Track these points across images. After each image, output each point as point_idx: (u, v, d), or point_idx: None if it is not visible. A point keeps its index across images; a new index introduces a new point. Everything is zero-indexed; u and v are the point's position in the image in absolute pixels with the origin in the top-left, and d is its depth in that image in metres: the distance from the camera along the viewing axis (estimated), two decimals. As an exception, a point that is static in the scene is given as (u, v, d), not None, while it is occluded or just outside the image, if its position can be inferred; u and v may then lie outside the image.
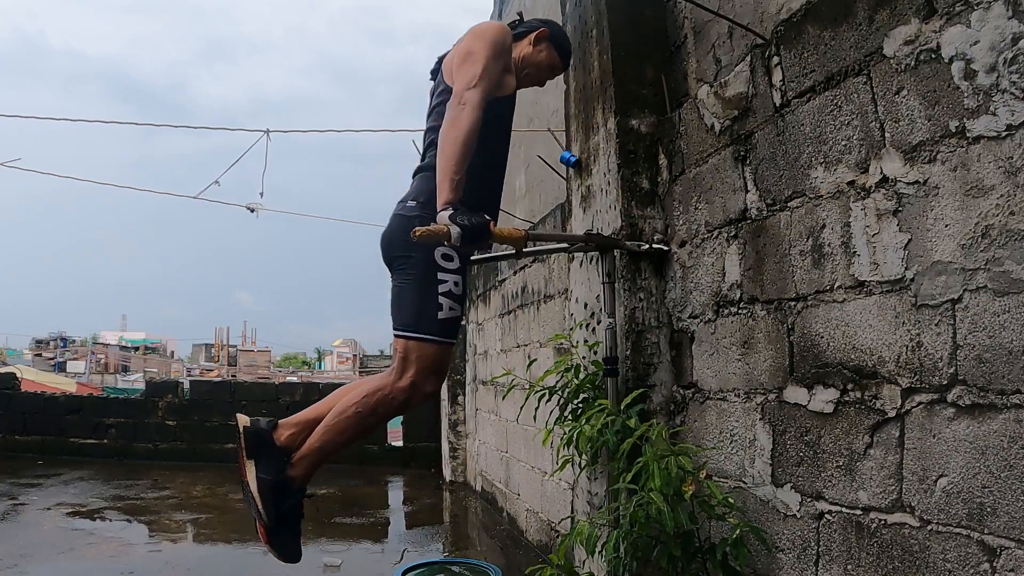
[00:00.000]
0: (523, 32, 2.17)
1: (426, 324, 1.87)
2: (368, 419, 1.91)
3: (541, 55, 2.17)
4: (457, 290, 1.90)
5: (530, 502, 4.75)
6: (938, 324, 1.42)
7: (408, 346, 1.87)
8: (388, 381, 1.89)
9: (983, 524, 1.31)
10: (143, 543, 4.51)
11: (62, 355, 42.62)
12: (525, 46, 2.15)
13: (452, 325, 1.91)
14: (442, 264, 1.88)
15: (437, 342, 1.88)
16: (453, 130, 1.79)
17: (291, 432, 1.96)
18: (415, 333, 1.87)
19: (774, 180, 1.93)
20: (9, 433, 8.41)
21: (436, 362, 1.90)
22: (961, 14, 1.36)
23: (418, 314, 1.87)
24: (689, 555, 1.94)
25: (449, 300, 1.88)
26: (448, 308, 1.88)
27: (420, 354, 1.86)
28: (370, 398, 1.89)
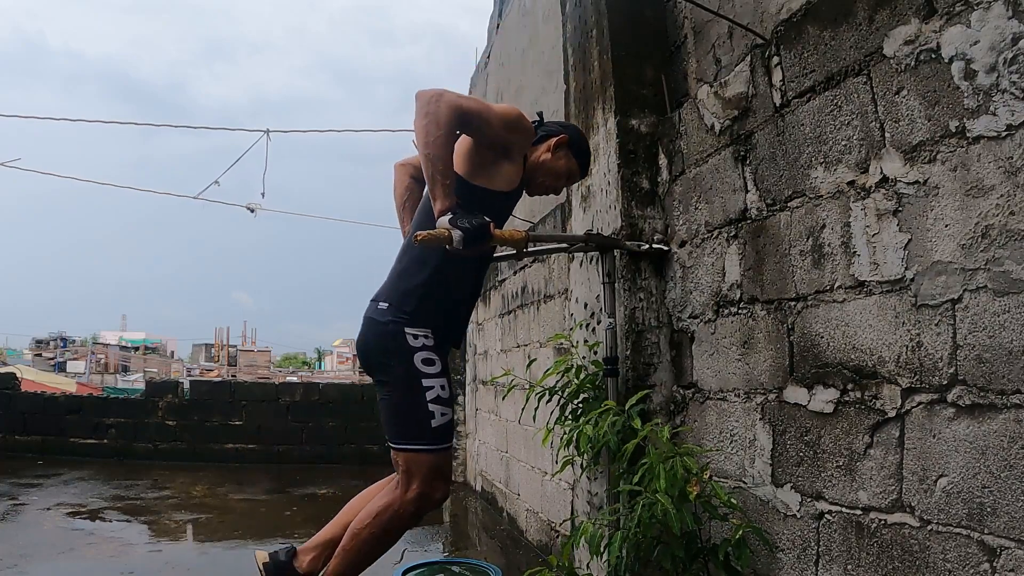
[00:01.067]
0: (542, 137, 2.07)
1: (421, 436, 1.85)
2: (383, 538, 1.90)
3: (559, 162, 2.07)
4: (445, 393, 1.88)
5: (530, 502, 4.75)
6: (938, 324, 1.42)
7: (408, 459, 1.86)
8: (396, 497, 1.88)
9: (983, 524, 1.31)
10: (143, 543, 4.51)
11: (62, 355, 42.62)
12: (543, 152, 2.04)
13: (447, 430, 1.90)
14: (424, 370, 1.85)
15: (435, 450, 1.87)
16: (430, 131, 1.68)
17: (312, 556, 1.96)
18: (412, 445, 1.86)
19: (774, 180, 1.93)
20: (9, 433, 8.40)
21: (439, 468, 1.89)
22: (961, 14, 1.36)
23: (412, 427, 1.86)
24: (691, 555, 1.94)
25: (439, 406, 1.86)
26: (440, 415, 1.86)
27: (421, 465, 1.85)
28: (382, 517, 1.87)
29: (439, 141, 1.69)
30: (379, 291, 1.96)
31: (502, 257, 2.36)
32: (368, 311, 1.94)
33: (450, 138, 1.72)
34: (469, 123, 1.77)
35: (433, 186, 1.71)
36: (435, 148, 1.68)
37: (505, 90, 6.37)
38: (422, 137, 1.69)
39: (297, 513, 5.59)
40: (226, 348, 46.85)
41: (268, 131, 6.56)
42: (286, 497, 6.32)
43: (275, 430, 8.24)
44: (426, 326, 1.87)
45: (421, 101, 1.70)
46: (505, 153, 1.92)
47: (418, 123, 1.70)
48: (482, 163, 1.89)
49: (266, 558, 1.95)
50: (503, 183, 1.94)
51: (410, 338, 1.85)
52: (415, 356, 1.84)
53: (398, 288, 1.91)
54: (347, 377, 32.15)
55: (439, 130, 1.68)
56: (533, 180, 2.05)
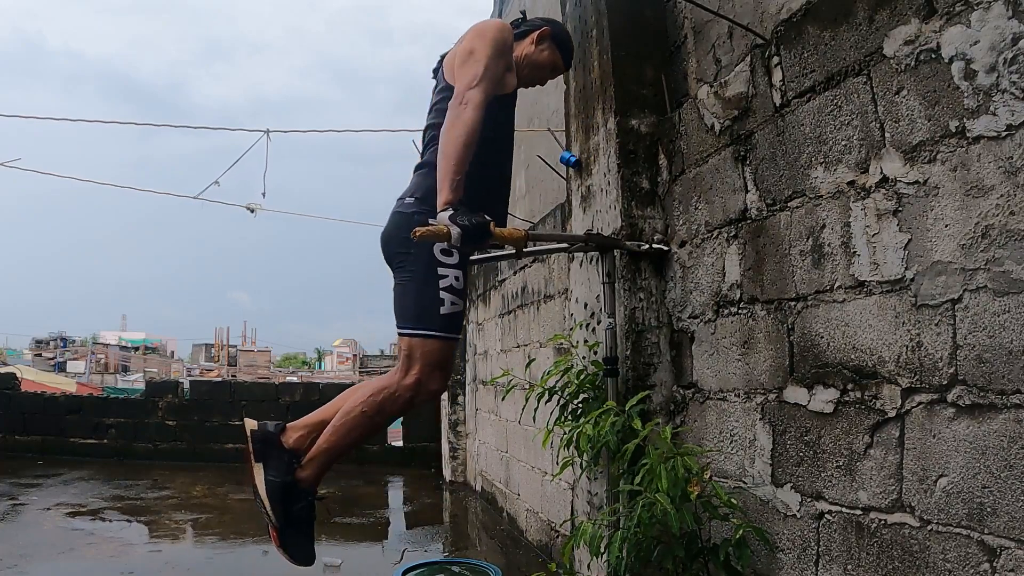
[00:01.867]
0: (525, 31, 2.17)
1: (429, 320, 1.87)
2: (375, 418, 1.91)
3: (543, 54, 2.17)
4: (458, 284, 1.90)
5: (530, 502, 4.75)
6: (938, 324, 1.42)
7: (412, 343, 1.87)
8: (394, 380, 1.89)
9: (983, 524, 1.31)
10: (143, 543, 4.51)
11: (62, 355, 42.62)
12: (527, 45, 2.15)
13: (455, 320, 1.91)
14: (442, 259, 1.88)
15: (441, 338, 1.88)
16: (454, 130, 1.80)
17: (299, 435, 1.96)
18: (419, 329, 1.87)
19: (774, 180, 1.93)
20: (9, 433, 8.40)
21: (441, 358, 1.90)
22: (961, 14, 1.36)
23: (421, 310, 1.88)
24: (692, 556, 1.94)
25: (451, 295, 1.88)
26: (450, 303, 1.88)
27: (424, 350, 1.87)
28: (376, 397, 1.89)
29: (460, 141, 1.78)
30: (406, 189, 2.02)
31: (502, 257, 2.36)
32: (395, 206, 2.00)
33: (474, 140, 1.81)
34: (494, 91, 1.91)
35: (444, 179, 1.77)
36: (457, 147, 1.78)
37: (505, 90, 6.37)
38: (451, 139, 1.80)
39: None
40: (226, 348, 46.86)
41: (268, 131, 6.55)
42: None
43: (275, 430, 8.23)
44: None
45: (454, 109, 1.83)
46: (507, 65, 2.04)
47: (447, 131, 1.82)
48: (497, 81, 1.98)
49: (255, 426, 1.97)
50: (510, 86, 2.06)
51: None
52: (435, 245, 1.87)
53: (425, 183, 1.94)
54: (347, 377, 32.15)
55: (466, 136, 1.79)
56: (520, 73, 2.14)
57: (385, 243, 1.99)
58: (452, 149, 1.78)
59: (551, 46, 2.18)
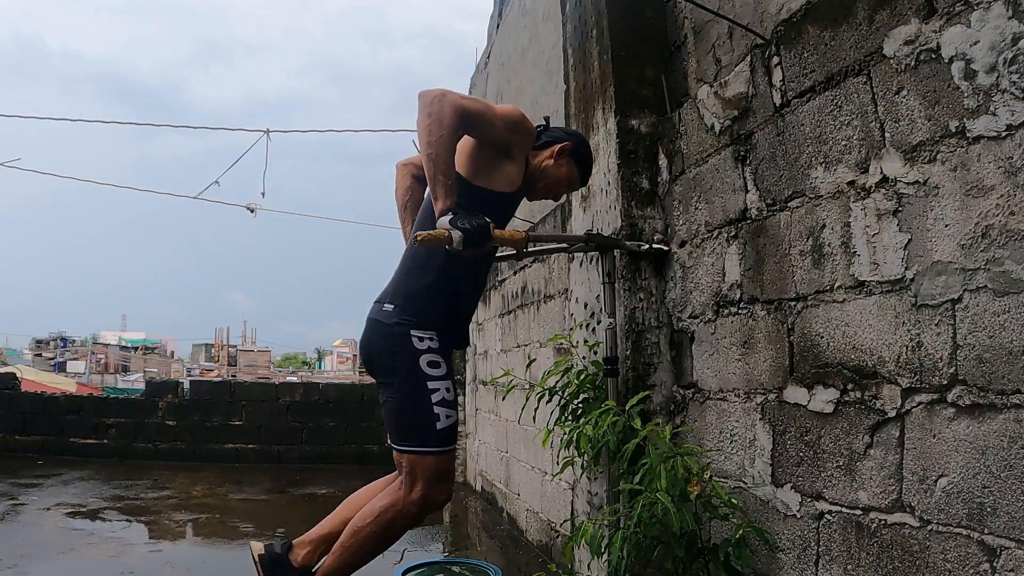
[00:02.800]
0: (546, 143, 2.07)
1: (426, 438, 1.85)
2: (384, 536, 1.89)
3: (561, 170, 2.07)
4: (450, 396, 1.88)
5: (530, 502, 4.75)
6: (938, 324, 1.42)
7: (412, 460, 1.85)
8: (398, 497, 1.86)
9: (983, 524, 1.31)
10: (143, 543, 4.51)
11: (62, 355, 42.63)
12: (546, 158, 2.05)
13: (451, 432, 1.89)
14: (429, 372, 1.85)
15: (439, 453, 1.87)
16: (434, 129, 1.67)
17: (307, 551, 1.95)
18: (416, 448, 1.85)
19: (774, 180, 1.93)
20: (9, 433, 8.40)
21: (442, 471, 1.88)
22: (961, 14, 1.36)
23: (416, 429, 1.85)
24: (692, 555, 1.94)
25: (444, 408, 1.86)
26: (445, 416, 1.86)
27: (424, 467, 1.85)
28: (384, 516, 1.86)
29: (441, 141, 1.68)
30: (384, 292, 1.95)
31: (502, 257, 2.36)
32: (372, 312, 1.93)
33: (452, 138, 1.71)
34: (471, 123, 1.76)
35: (435, 186, 1.69)
36: (437, 148, 1.67)
37: (505, 90, 6.37)
38: (424, 137, 1.68)
39: (297, 513, 5.59)
40: (226, 348, 46.86)
41: (268, 131, 6.56)
42: (286, 497, 6.32)
43: (275, 430, 8.23)
44: (432, 328, 1.87)
45: (424, 101, 1.70)
46: (506, 154, 1.91)
47: (420, 123, 1.69)
48: (484, 164, 1.88)
49: (261, 550, 1.95)
50: (504, 184, 1.93)
51: (416, 340, 1.85)
52: (421, 358, 1.84)
53: (404, 289, 1.90)
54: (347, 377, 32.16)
55: (442, 130, 1.67)
56: (534, 185, 2.05)
57: (366, 353, 1.95)
58: (435, 151, 1.67)
59: (570, 163, 2.08)
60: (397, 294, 1.90)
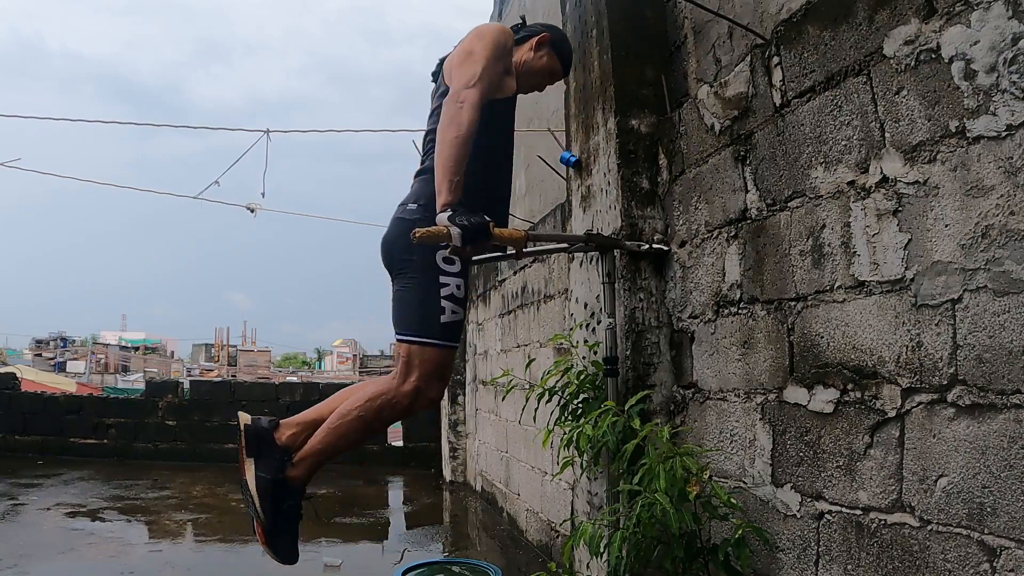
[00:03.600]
0: (524, 37, 2.16)
1: (429, 328, 1.85)
2: (371, 423, 1.89)
3: (542, 60, 2.16)
4: (459, 293, 1.89)
5: (530, 502, 4.75)
6: (938, 324, 1.42)
7: (411, 351, 1.86)
8: (392, 385, 1.87)
9: (983, 524, 1.31)
10: (143, 543, 4.51)
11: (62, 355, 42.63)
12: (526, 51, 2.14)
13: (455, 328, 1.90)
14: (444, 267, 1.87)
15: (440, 346, 1.87)
16: (450, 130, 1.78)
17: (292, 432, 1.95)
18: (418, 337, 1.86)
19: (774, 180, 1.93)
20: (9, 433, 8.40)
21: (440, 366, 1.88)
22: (961, 14, 1.36)
23: (420, 318, 1.86)
24: (691, 556, 1.94)
25: (451, 303, 1.87)
26: (451, 311, 1.87)
27: (423, 358, 1.85)
28: (373, 402, 1.87)
29: (459, 142, 1.77)
30: (408, 195, 2.00)
31: (502, 257, 2.36)
32: (396, 212, 1.97)
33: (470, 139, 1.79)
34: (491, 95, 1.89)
35: (442, 180, 1.75)
36: (454, 148, 1.76)
37: (505, 90, 6.37)
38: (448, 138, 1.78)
39: (297, 513, 5.58)
40: (226, 348, 46.86)
41: (268, 131, 6.55)
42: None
43: (275, 430, 8.23)
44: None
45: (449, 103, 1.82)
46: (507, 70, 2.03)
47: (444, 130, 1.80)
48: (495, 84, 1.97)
49: (248, 420, 1.95)
50: (508, 89, 2.05)
51: None
52: (438, 252, 1.85)
53: (426, 190, 1.92)
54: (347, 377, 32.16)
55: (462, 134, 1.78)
56: (518, 79, 2.12)
57: (386, 249, 1.97)
58: (449, 150, 1.76)
59: (549, 52, 2.17)
60: (420, 195, 1.94)
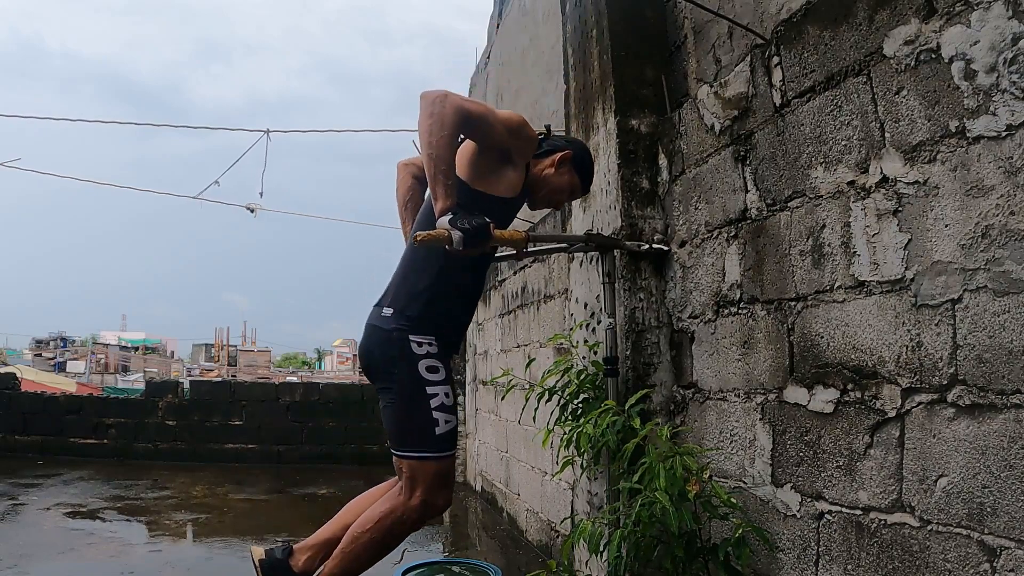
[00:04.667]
0: (546, 152, 2.06)
1: (425, 443, 1.85)
2: (385, 541, 1.89)
3: (563, 178, 2.07)
4: (449, 401, 1.88)
5: (530, 502, 4.75)
6: (938, 324, 1.42)
7: (412, 466, 1.86)
8: (399, 502, 1.87)
9: (983, 524, 1.31)
10: (143, 543, 4.51)
11: (62, 355, 42.63)
12: (547, 166, 2.05)
13: (451, 437, 1.89)
14: (428, 378, 1.85)
15: (439, 458, 1.86)
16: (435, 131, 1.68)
17: (308, 556, 1.95)
18: (416, 453, 1.85)
19: (774, 180, 1.93)
20: (9, 433, 8.40)
21: (442, 476, 1.88)
22: (961, 14, 1.36)
23: (415, 435, 1.85)
24: (691, 555, 1.94)
25: (443, 413, 1.86)
26: (444, 422, 1.86)
27: (425, 472, 1.85)
28: (384, 522, 1.86)
29: (442, 142, 1.68)
30: (383, 296, 1.95)
31: (502, 257, 2.36)
32: (371, 317, 1.93)
33: (453, 139, 1.72)
34: (472, 125, 1.77)
35: (435, 186, 1.70)
36: (438, 148, 1.68)
37: (505, 90, 6.37)
38: (425, 137, 1.69)
39: (297, 513, 5.59)
40: (226, 348, 46.87)
41: (268, 131, 6.55)
42: (286, 497, 6.32)
43: (275, 430, 8.23)
44: (430, 333, 1.87)
45: (426, 102, 1.71)
46: (507, 159, 1.91)
47: (422, 123, 1.70)
48: (484, 168, 1.88)
49: (262, 554, 1.95)
50: (505, 189, 1.93)
51: (414, 345, 1.85)
52: (419, 364, 1.84)
53: (402, 293, 1.90)
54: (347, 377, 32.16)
55: (443, 131, 1.68)
56: (535, 193, 2.06)
57: (366, 358, 1.95)
58: (436, 151, 1.68)
59: (571, 171, 2.09)
60: (397, 298, 1.90)
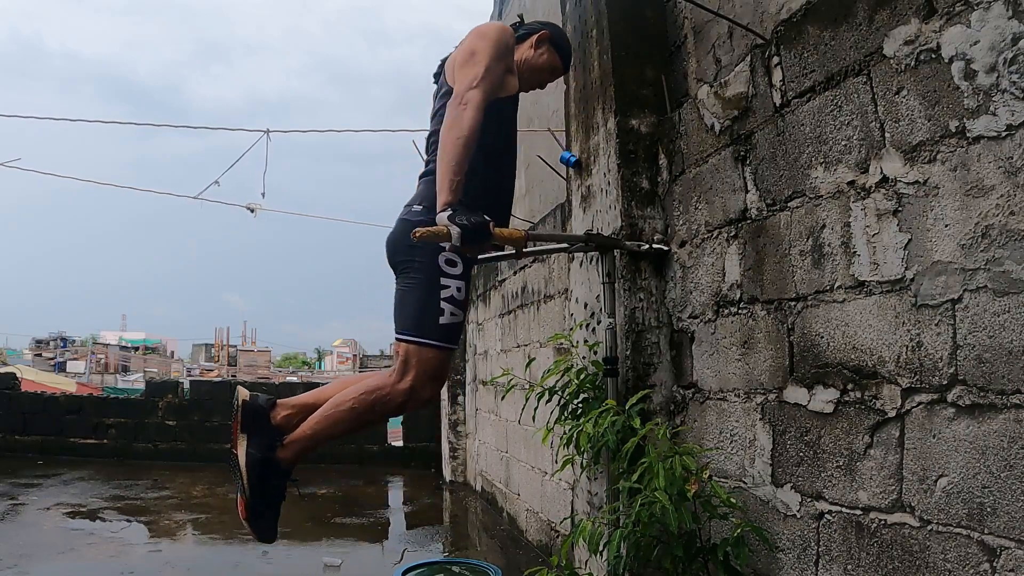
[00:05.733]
0: (524, 35, 2.18)
1: (427, 329, 1.87)
2: (364, 416, 1.92)
3: (542, 58, 2.18)
4: (460, 296, 1.91)
5: (530, 502, 4.75)
6: (938, 324, 1.42)
7: (409, 350, 1.88)
8: (388, 382, 1.90)
9: (983, 524, 1.31)
10: (143, 543, 4.51)
11: (62, 355, 42.63)
12: (526, 49, 2.16)
13: (453, 330, 1.91)
14: (446, 269, 1.88)
15: (437, 347, 1.89)
16: (453, 131, 1.80)
17: (287, 413, 1.99)
18: (416, 337, 1.88)
19: (774, 180, 1.93)
20: (9, 433, 8.40)
21: (436, 367, 1.90)
22: (961, 14, 1.36)
23: (420, 318, 1.88)
24: (691, 555, 1.94)
25: (451, 305, 1.89)
26: (450, 313, 1.88)
27: (420, 358, 1.87)
28: (368, 396, 1.90)
29: (459, 142, 1.78)
30: (413, 196, 2.02)
31: (502, 257, 2.36)
32: (402, 214, 1.99)
33: (473, 140, 1.81)
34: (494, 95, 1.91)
35: (443, 178, 1.77)
36: (455, 149, 1.78)
37: (505, 90, 6.37)
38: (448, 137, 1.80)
39: (297, 512, 5.59)
40: (226, 348, 46.86)
41: (268, 131, 6.55)
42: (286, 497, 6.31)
43: (275, 430, 8.23)
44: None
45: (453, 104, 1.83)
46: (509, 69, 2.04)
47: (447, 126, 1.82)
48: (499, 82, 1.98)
49: (247, 396, 2.00)
50: (511, 88, 2.05)
51: None
52: (440, 255, 1.88)
53: (431, 192, 1.93)
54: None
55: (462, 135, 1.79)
56: (520, 77, 2.13)
57: (391, 249, 2.00)
58: (451, 150, 1.78)
59: (550, 49, 2.19)
60: (426, 197, 1.95)
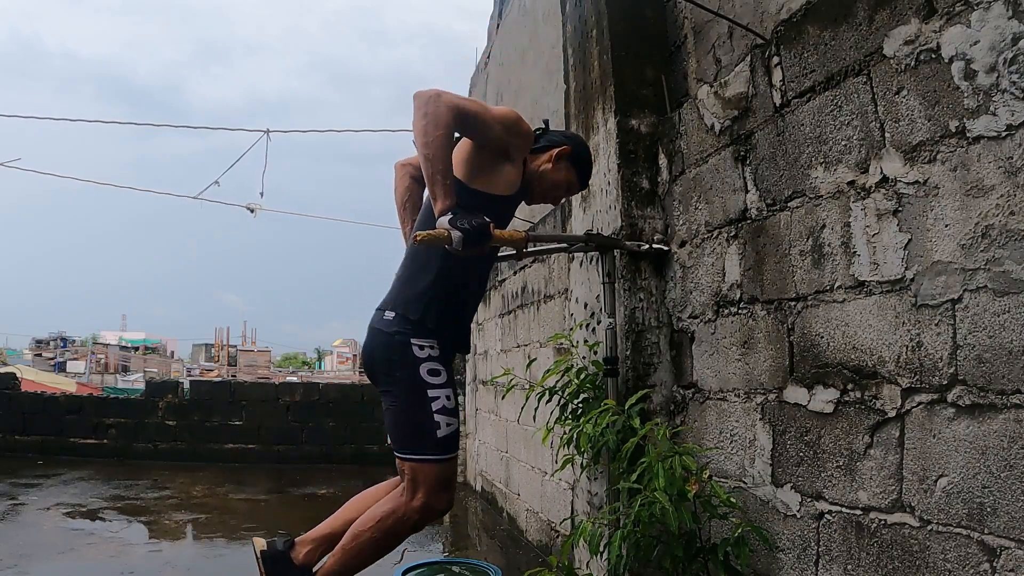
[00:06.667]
0: (544, 147, 2.04)
1: (426, 446, 1.85)
2: (385, 542, 1.90)
3: (560, 174, 2.05)
4: (450, 404, 1.88)
5: (530, 502, 4.75)
6: (938, 324, 1.42)
7: (414, 468, 1.86)
8: (401, 503, 1.88)
9: (983, 524, 1.31)
10: (143, 543, 4.51)
11: (62, 355, 42.63)
12: (544, 161, 2.02)
13: (452, 439, 1.89)
14: (430, 380, 1.85)
15: (441, 460, 1.87)
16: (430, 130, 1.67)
17: (308, 549, 1.96)
18: (417, 456, 1.86)
19: (774, 180, 1.93)
20: (9, 433, 8.39)
21: (444, 478, 1.89)
22: (961, 14, 1.36)
23: (418, 438, 1.86)
24: (691, 555, 1.94)
25: (445, 416, 1.86)
26: (446, 424, 1.86)
27: (427, 475, 1.85)
28: (385, 522, 1.87)
29: (438, 141, 1.67)
30: (384, 299, 1.95)
31: (502, 257, 2.36)
32: (373, 320, 1.93)
33: (449, 138, 1.71)
34: (467, 123, 1.77)
35: (433, 186, 1.69)
36: (434, 148, 1.67)
37: (505, 90, 6.37)
38: (421, 137, 1.68)
39: (297, 513, 5.59)
40: (226, 348, 46.86)
41: (268, 131, 6.56)
42: (286, 497, 6.32)
43: (275, 430, 8.23)
44: (432, 336, 1.87)
45: (419, 101, 1.70)
46: (504, 156, 1.90)
47: (417, 123, 1.69)
48: (481, 166, 1.87)
49: (264, 545, 1.96)
50: (503, 187, 1.92)
51: (416, 349, 1.85)
52: (421, 367, 1.84)
53: (403, 295, 1.89)
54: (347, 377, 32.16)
55: (438, 130, 1.67)
56: (533, 189, 2.04)
57: (368, 361, 1.96)
58: (432, 151, 1.67)
59: (568, 166, 2.06)
60: (397, 301, 1.90)
